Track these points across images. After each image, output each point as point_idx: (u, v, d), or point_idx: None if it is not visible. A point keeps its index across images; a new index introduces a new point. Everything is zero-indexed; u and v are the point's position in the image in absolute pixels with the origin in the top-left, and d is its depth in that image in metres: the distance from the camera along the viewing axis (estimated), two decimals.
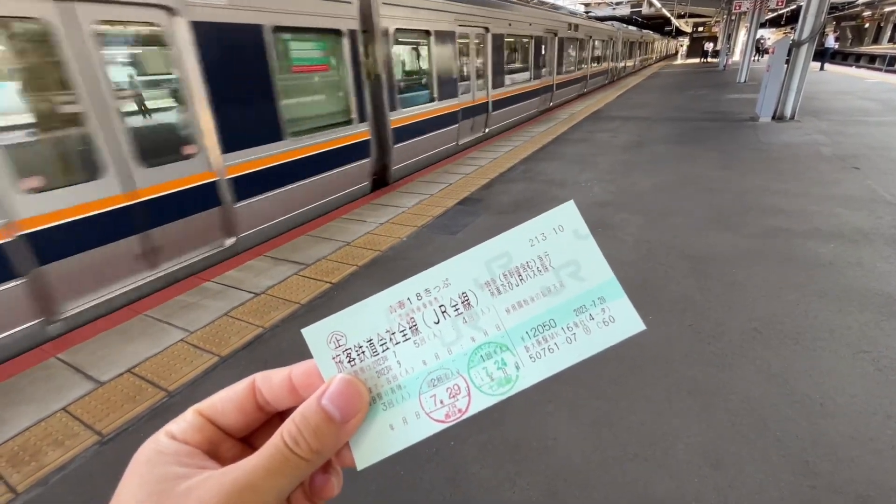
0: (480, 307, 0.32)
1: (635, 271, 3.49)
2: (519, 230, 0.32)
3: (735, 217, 4.44)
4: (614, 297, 0.32)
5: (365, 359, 0.32)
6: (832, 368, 2.35)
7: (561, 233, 0.32)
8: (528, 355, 0.32)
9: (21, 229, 2.86)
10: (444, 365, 0.32)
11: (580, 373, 2.40)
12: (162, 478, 0.26)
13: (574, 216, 0.32)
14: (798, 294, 3.05)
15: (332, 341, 0.32)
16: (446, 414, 0.31)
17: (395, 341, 0.32)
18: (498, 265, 0.32)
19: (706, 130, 8.84)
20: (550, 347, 0.31)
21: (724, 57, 26.94)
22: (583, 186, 5.75)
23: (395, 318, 0.32)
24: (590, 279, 0.32)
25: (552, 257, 0.32)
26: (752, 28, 17.45)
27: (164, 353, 2.76)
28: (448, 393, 0.32)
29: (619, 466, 1.89)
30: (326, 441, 0.29)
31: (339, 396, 0.29)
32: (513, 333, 0.32)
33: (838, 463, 1.83)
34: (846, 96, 12.33)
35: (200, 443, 0.29)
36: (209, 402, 0.31)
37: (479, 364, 0.32)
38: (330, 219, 5.03)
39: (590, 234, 0.32)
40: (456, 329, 0.32)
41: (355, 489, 1.85)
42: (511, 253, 0.32)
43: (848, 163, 6.03)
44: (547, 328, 0.32)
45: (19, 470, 2.00)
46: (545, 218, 0.32)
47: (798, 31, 8.18)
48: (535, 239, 0.32)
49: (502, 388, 0.31)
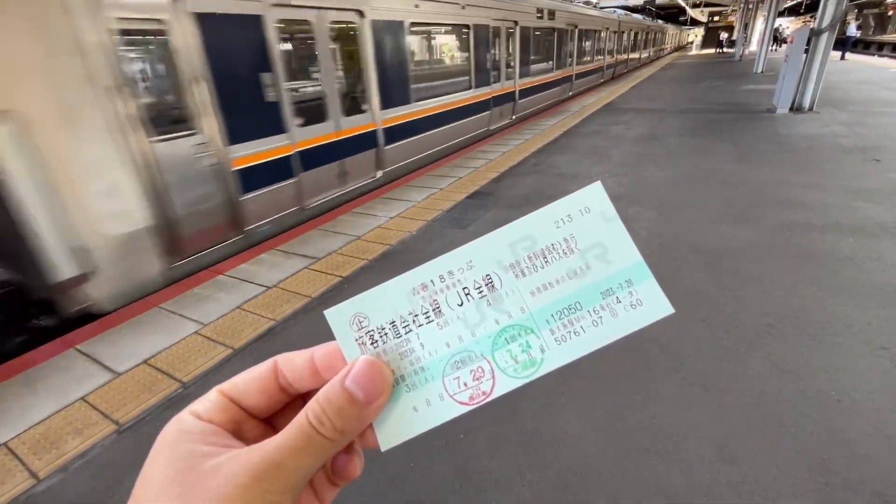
0: (505, 289, 0.32)
1: (648, 265, 3.43)
2: (544, 212, 0.32)
3: (751, 210, 4.37)
4: (642, 280, 0.31)
5: (388, 340, 0.32)
6: (849, 365, 2.30)
7: (587, 214, 0.31)
8: (554, 338, 0.31)
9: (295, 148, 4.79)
10: (467, 347, 0.32)
11: (593, 366, 2.39)
12: (188, 455, 0.26)
13: (601, 197, 0.32)
14: (815, 289, 2.99)
15: (354, 323, 0.32)
16: (471, 396, 0.31)
17: (418, 323, 0.32)
18: (522, 247, 0.32)
19: (721, 122, 8.68)
20: (576, 330, 0.31)
21: (741, 47, 26.34)
22: (594, 179, 5.68)
23: (417, 301, 0.32)
24: (617, 262, 0.31)
25: (578, 239, 0.31)
26: (769, 16, 17.00)
27: (178, 345, 2.80)
28: (472, 375, 0.31)
29: (630, 460, 1.88)
30: (350, 422, 0.29)
31: (363, 378, 0.29)
32: (537, 316, 0.31)
33: (854, 460, 1.80)
34: (867, 86, 11.99)
35: (224, 422, 0.29)
36: (231, 383, 0.31)
37: (504, 347, 0.31)
38: (340, 212, 5.05)
39: (617, 216, 0.31)
40: (480, 311, 0.32)
41: (366, 479, 1.87)
42: (535, 235, 0.32)
43: (869, 155, 5.88)
44: (573, 311, 0.31)
45: (41, 457, 2.06)
46: (571, 199, 0.32)
47: (818, 19, 7.95)
48: (561, 221, 0.32)
49: (527, 371, 0.31)
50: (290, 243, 4.28)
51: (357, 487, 1.85)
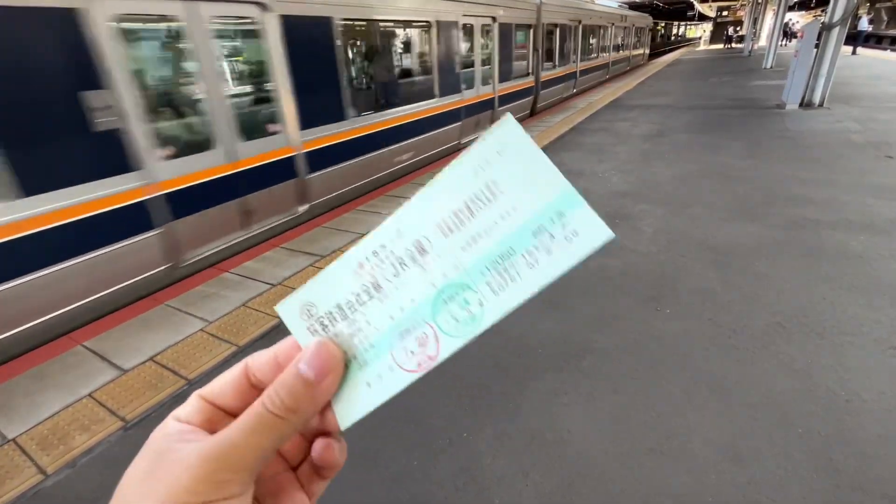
0: (436, 251, 0.31)
1: (654, 263, 3.42)
2: (458, 162, 0.30)
3: (760, 207, 4.31)
4: (573, 208, 0.28)
5: (336, 323, 0.33)
6: (859, 364, 2.27)
7: (505, 154, 0.29)
8: (490, 290, 0.30)
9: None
10: (409, 316, 0.32)
11: (597, 364, 2.37)
12: (164, 450, 0.28)
13: (516, 132, 0.29)
14: (825, 287, 2.95)
15: (304, 313, 0.33)
16: (418, 363, 0.31)
17: (360, 302, 0.32)
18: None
19: (730, 118, 8.58)
20: (512, 276, 0.29)
21: (750, 42, 26.00)
22: (601, 177, 5.64)
23: (357, 280, 0.32)
24: (544, 195, 0.29)
25: (500, 183, 0.29)
26: (779, 11, 16.77)
27: (184, 343, 2.82)
28: (417, 342, 0.31)
29: (635, 460, 1.86)
30: (301, 400, 0.30)
31: (312, 357, 0.31)
32: (472, 271, 0.30)
33: (864, 461, 1.77)
34: (880, 81, 11.79)
35: (202, 423, 0.31)
36: (210, 387, 0.33)
37: (443, 308, 0.31)
38: (345, 210, 5.05)
39: (536, 147, 0.29)
40: (416, 278, 0.31)
41: (369, 478, 1.87)
42: (456, 188, 0.30)
43: (881, 151, 5.78)
44: (506, 257, 0.29)
45: (49, 452, 2.08)
46: (484, 143, 0.29)
47: (829, 13, 7.82)
48: (479, 168, 0.30)
49: (468, 328, 0.30)
50: (294, 241, 4.29)
51: (360, 486, 1.85)
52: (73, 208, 3.03)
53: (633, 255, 3.55)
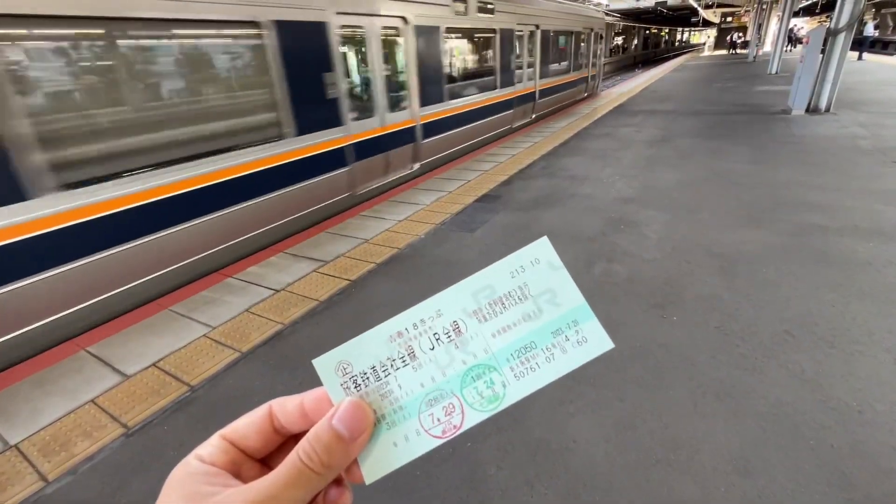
0: (470, 333, 0.36)
1: (660, 269, 3.39)
2: (500, 264, 0.36)
3: (766, 213, 4.27)
4: (586, 320, 0.35)
5: (369, 384, 0.36)
6: (871, 374, 2.22)
7: (537, 265, 0.36)
8: (513, 374, 0.35)
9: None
10: (439, 386, 0.35)
11: (602, 373, 2.34)
12: (195, 494, 0.29)
13: (548, 250, 0.36)
14: (834, 294, 2.90)
15: (339, 370, 0.36)
16: (443, 430, 0.35)
17: (395, 367, 0.36)
18: (483, 295, 0.36)
19: (735, 124, 8.54)
20: (532, 367, 0.35)
21: (754, 48, 25.97)
22: (605, 182, 5.62)
23: (394, 347, 0.36)
24: (564, 305, 0.35)
25: (531, 287, 0.36)
26: (784, 16, 16.73)
27: (187, 348, 2.81)
28: (444, 411, 0.35)
29: (642, 471, 1.83)
30: (336, 457, 0.32)
31: (348, 417, 0.33)
32: (499, 355, 0.35)
33: (878, 474, 1.73)
34: (886, 87, 11.72)
35: (225, 464, 0.32)
36: (232, 427, 0.34)
37: (471, 384, 0.35)
38: (350, 215, 5.06)
39: (563, 266, 0.36)
40: (449, 354, 0.36)
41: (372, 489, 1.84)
42: (494, 284, 0.36)
43: (888, 156, 5.73)
44: (529, 349, 0.35)
45: (50, 459, 2.07)
46: (522, 253, 0.36)
47: (835, 18, 7.79)
48: (515, 271, 0.36)
49: (491, 405, 0.35)
50: (298, 246, 4.28)
51: (363, 497, 1.82)
52: (318, 145, 4.83)
53: (639, 262, 3.52)
